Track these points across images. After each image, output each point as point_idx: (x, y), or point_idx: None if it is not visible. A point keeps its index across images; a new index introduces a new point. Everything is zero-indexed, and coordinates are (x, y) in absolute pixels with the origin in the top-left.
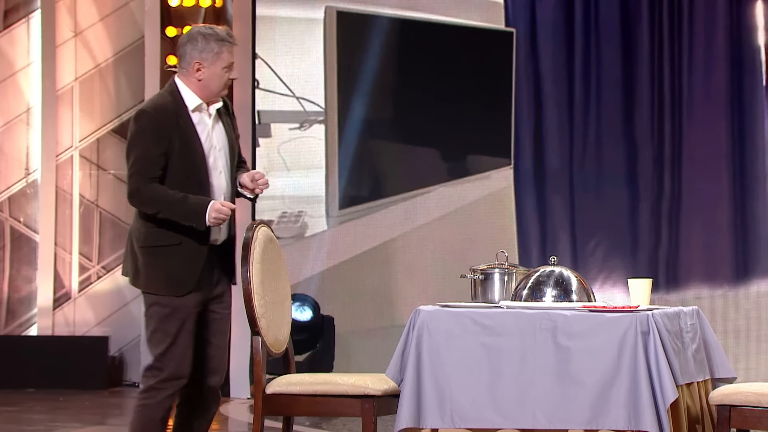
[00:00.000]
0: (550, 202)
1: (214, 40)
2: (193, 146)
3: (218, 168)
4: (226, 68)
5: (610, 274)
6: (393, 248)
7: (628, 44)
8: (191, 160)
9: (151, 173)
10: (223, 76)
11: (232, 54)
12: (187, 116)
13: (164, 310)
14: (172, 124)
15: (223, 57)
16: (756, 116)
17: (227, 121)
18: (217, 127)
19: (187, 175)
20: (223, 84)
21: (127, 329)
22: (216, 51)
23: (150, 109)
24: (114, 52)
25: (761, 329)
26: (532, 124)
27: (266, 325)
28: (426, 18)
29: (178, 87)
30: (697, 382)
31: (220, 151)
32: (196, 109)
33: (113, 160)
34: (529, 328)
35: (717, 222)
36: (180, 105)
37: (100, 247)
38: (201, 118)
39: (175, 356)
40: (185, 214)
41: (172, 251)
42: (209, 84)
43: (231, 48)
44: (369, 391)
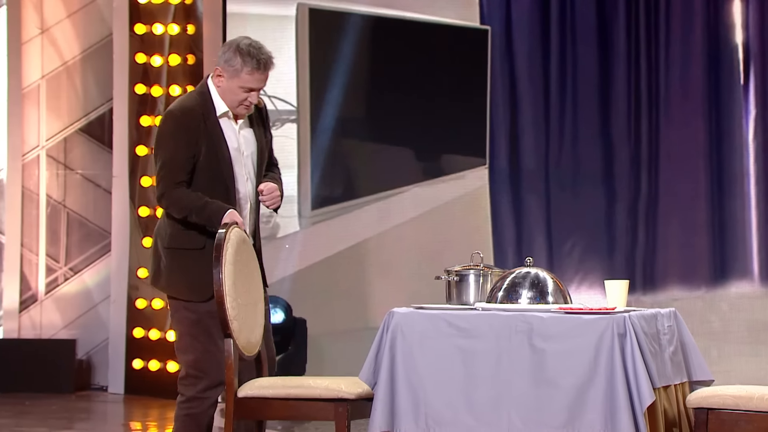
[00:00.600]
0: (526, 202)
1: (241, 55)
2: (220, 151)
3: (245, 175)
4: (243, 89)
5: (586, 275)
6: (366, 249)
7: (604, 42)
8: (217, 165)
9: (177, 177)
10: (237, 94)
11: (256, 79)
12: (215, 120)
13: (192, 316)
14: (200, 128)
15: (241, 77)
16: (734, 115)
17: (258, 127)
18: (245, 132)
19: (213, 180)
20: (236, 102)
21: (95, 332)
22: (236, 68)
23: (177, 111)
24: (81, 50)
25: (739, 331)
26: (508, 123)
27: (238, 328)
28: (400, 15)
29: (209, 89)
30: (675, 385)
31: (247, 158)
32: (224, 115)
33: (81, 159)
34: (505, 331)
35: (695, 222)
36: (208, 108)
37: (68, 248)
38: (229, 122)
39: (212, 363)
40: (206, 219)
41: (196, 255)
42: (224, 96)
43: (255, 73)
44: (342, 395)
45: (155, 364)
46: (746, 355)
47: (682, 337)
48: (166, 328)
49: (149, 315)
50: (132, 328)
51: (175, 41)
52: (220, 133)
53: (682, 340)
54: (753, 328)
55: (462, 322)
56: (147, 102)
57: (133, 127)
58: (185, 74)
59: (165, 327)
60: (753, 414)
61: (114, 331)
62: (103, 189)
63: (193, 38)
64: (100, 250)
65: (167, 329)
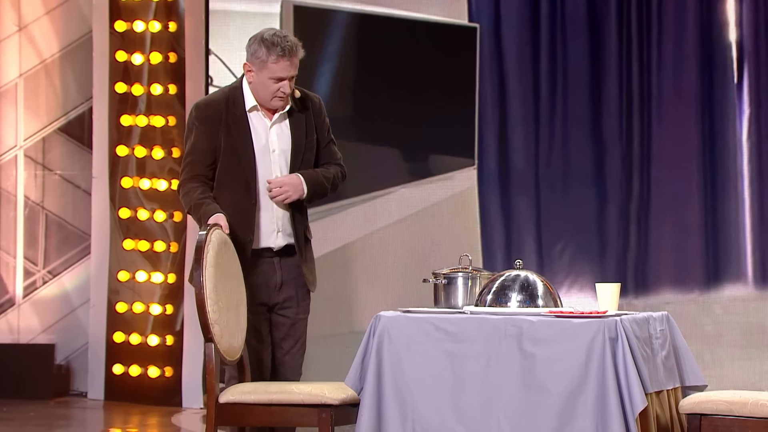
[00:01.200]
0: (516, 203)
1: (266, 46)
2: (242, 146)
3: (274, 172)
4: (273, 79)
5: (577, 278)
6: (352, 251)
7: (595, 40)
8: (238, 160)
9: (194, 170)
10: (268, 86)
11: (282, 67)
12: (242, 115)
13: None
14: (221, 120)
15: (269, 67)
16: (727, 115)
17: (300, 123)
18: (280, 128)
19: (234, 175)
20: (270, 94)
21: (74, 337)
22: (262, 59)
23: (201, 103)
24: (60, 48)
25: (732, 335)
26: (497, 123)
27: (219, 332)
28: (386, 13)
29: (243, 83)
30: (667, 390)
31: (279, 155)
32: (253, 109)
33: (60, 160)
34: (494, 335)
35: (687, 224)
36: (236, 102)
37: (46, 251)
38: (260, 117)
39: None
40: (198, 220)
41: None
42: (256, 90)
43: (281, 60)
44: (326, 400)
45: (136, 369)
46: (740, 360)
47: (675, 341)
48: (147, 332)
49: (130, 319)
50: (112, 333)
51: (157, 39)
52: (245, 127)
53: (674, 344)
54: (747, 331)
55: (450, 326)
56: (127, 101)
57: (114, 126)
58: (167, 72)
59: (146, 331)
60: (747, 420)
61: (94, 336)
62: (82, 190)
63: (175, 36)
64: (79, 253)
65: (148, 333)
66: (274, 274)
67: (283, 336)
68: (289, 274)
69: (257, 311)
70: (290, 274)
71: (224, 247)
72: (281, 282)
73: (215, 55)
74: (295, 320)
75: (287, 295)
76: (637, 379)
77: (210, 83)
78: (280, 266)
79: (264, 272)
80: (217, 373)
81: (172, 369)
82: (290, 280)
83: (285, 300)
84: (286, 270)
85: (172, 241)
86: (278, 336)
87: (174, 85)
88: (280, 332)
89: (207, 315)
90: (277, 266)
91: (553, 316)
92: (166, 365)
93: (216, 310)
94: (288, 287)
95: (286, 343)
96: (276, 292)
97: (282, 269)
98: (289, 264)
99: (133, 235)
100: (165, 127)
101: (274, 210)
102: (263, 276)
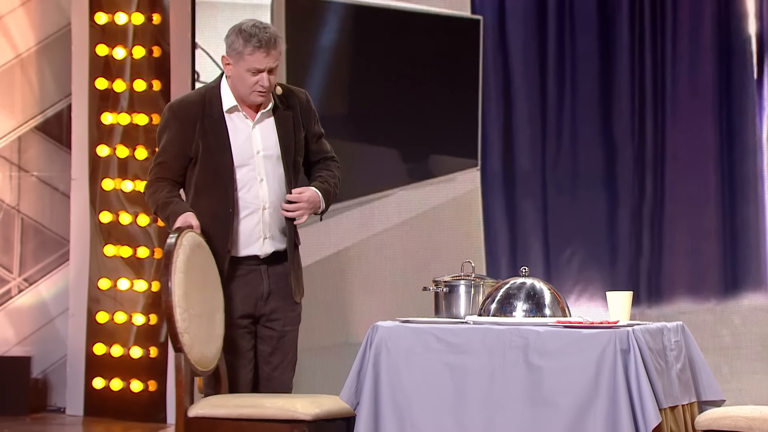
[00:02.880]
0: (521, 207)
1: (243, 37)
2: (219, 151)
3: (259, 176)
4: (250, 72)
5: (586, 286)
6: (348, 258)
7: (605, 34)
8: (215, 166)
9: (162, 172)
10: (246, 79)
11: (258, 59)
12: (218, 117)
13: None
14: (195, 125)
15: (246, 59)
16: (746, 112)
17: (286, 120)
18: (263, 128)
19: (212, 181)
20: (248, 88)
21: (51, 349)
22: (239, 50)
23: (175, 104)
24: (37, 41)
25: (752, 347)
26: (501, 122)
27: (190, 341)
28: (384, 4)
29: (221, 83)
30: (682, 405)
31: (264, 158)
32: (232, 110)
33: (36, 160)
34: (498, 346)
35: (704, 229)
36: (213, 104)
37: (22, 257)
38: (241, 118)
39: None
40: (165, 219)
41: None
42: (235, 85)
43: (257, 52)
44: (298, 416)
45: (117, 383)
46: (760, 373)
47: (691, 353)
48: (130, 343)
49: (111, 330)
50: (92, 344)
51: (140, 32)
52: (223, 130)
53: (690, 356)
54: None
55: (452, 336)
56: (109, 98)
57: (94, 125)
58: (150, 67)
59: (128, 343)
60: None
61: (72, 348)
62: (60, 192)
63: (159, 28)
64: (57, 260)
65: (131, 345)
66: (261, 283)
67: (271, 350)
68: (276, 283)
69: (238, 324)
70: (278, 283)
71: (197, 251)
72: (268, 292)
73: (202, 48)
74: (283, 333)
75: (274, 306)
76: (651, 394)
77: (197, 79)
78: (267, 275)
79: (249, 281)
80: (187, 386)
81: (156, 383)
82: (278, 290)
83: (272, 311)
84: (273, 279)
85: (156, 247)
86: (265, 350)
87: (158, 80)
88: (267, 346)
89: (175, 323)
90: (264, 275)
91: (561, 327)
92: (149, 379)
93: (186, 318)
94: (275, 297)
95: (275, 357)
96: (262, 303)
97: (270, 278)
98: (277, 272)
99: (114, 240)
100: (148, 126)
101: (261, 215)
102: (249, 286)
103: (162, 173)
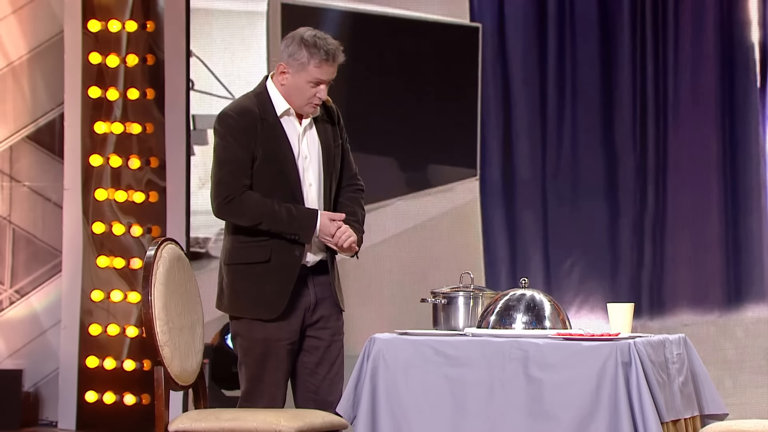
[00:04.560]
0: (521, 217)
1: (307, 47)
2: (282, 153)
3: (308, 180)
4: (311, 83)
5: (587, 297)
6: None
7: (606, 41)
8: (280, 168)
9: (243, 178)
10: (305, 90)
11: (324, 71)
12: (275, 120)
13: (245, 343)
14: (256, 129)
15: (308, 70)
16: (749, 121)
17: (325, 129)
18: (309, 134)
19: (275, 185)
20: (305, 99)
21: (43, 361)
22: (302, 61)
23: (231, 112)
24: (29, 49)
25: (756, 360)
26: (501, 131)
27: (170, 354)
28: (381, 11)
29: (267, 88)
30: (685, 419)
31: (310, 162)
32: (285, 114)
33: (28, 170)
34: (498, 359)
35: (706, 239)
36: (266, 108)
37: (13, 268)
38: (291, 122)
39: (264, 395)
40: (290, 226)
41: (260, 270)
42: (290, 94)
43: (324, 65)
44: (281, 428)
45: (110, 396)
46: (763, 386)
47: (693, 366)
48: (123, 356)
49: (104, 342)
50: (85, 357)
51: (133, 39)
52: (281, 133)
53: (692, 369)
54: None
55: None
56: (102, 106)
57: (87, 134)
58: (144, 76)
59: (121, 356)
60: None
61: (65, 361)
62: (53, 203)
63: (153, 36)
64: (49, 271)
65: (124, 358)
66: (308, 293)
67: (318, 360)
68: (322, 292)
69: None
70: (323, 292)
71: (178, 263)
72: (315, 301)
73: (196, 56)
74: (330, 342)
75: (321, 315)
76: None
77: (191, 87)
78: (313, 284)
79: (296, 292)
80: (166, 399)
81: (149, 396)
82: (323, 299)
83: (318, 320)
84: (319, 288)
85: None
86: (311, 361)
87: (152, 89)
88: (313, 356)
89: (155, 336)
90: (311, 284)
91: (561, 339)
92: (142, 392)
93: (166, 331)
94: (322, 306)
95: (322, 368)
96: (309, 313)
97: (315, 287)
98: (321, 282)
99: (107, 251)
100: (142, 135)
101: None
102: (295, 296)
103: (244, 180)
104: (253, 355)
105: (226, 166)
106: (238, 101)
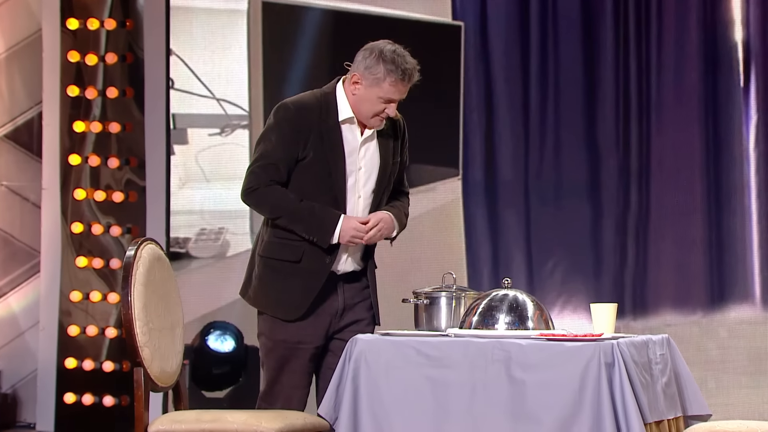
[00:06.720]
0: (503, 217)
1: (384, 63)
2: (333, 158)
3: (357, 192)
4: (382, 99)
5: (570, 298)
6: None
7: (589, 40)
8: (327, 174)
9: (273, 174)
10: (374, 104)
11: (398, 90)
12: (334, 125)
13: (268, 343)
14: (312, 129)
15: (382, 86)
16: (733, 120)
17: (388, 144)
18: (369, 146)
19: (318, 188)
20: (373, 113)
21: (21, 363)
22: (378, 77)
23: (291, 105)
24: (6, 47)
25: (739, 360)
26: (483, 130)
27: (150, 356)
28: (363, 10)
29: (336, 91)
30: (668, 420)
31: (364, 174)
32: (347, 121)
33: (6, 169)
34: (480, 359)
35: (690, 239)
36: (329, 111)
37: None
38: (352, 130)
39: (280, 396)
40: (308, 225)
41: (289, 269)
42: (358, 104)
43: (399, 84)
44: (261, 429)
45: (89, 398)
46: (747, 387)
47: (676, 366)
48: (102, 357)
49: (83, 343)
50: (63, 359)
51: (113, 38)
52: (337, 139)
53: (676, 370)
54: (754, 356)
55: (432, 350)
56: (81, 105)
57: (65, 133)
58: (123, 74)
59: (101, 357)
60: None
61: (43, 362)
62: (31, 203)
63: (133, 34)
64: (27, 271)
65: (103, 359)
66: (336, 299)
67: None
68: (353, 298)
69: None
70: (354, 298)
71: (157, 264)
72: (343, 307)
73: (176, 55)
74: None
75: (351, 320)
76: (636, 408)
77: (171, 86)
78: (343, 290)
79: (323, 297)
80: (146, 401)
81: (129, 398)
82: (354, 304)
83: (348, 325)
84: (349, 294)
85: None
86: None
87: (131, 87)
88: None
89: (135, 338)
90: (340, 289)
91: (544, 340)
92: (122, 394)
93: (145, 332)
94: (351, 312)
95: None
96: (336, 319)
97: (345, 293)
98: (353, 288)
99: (86, 251)
100: (122, 134)
101: None
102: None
103: (275, 175)
104: (273, 356)
105: (262, 160)
106: (302, 96)
